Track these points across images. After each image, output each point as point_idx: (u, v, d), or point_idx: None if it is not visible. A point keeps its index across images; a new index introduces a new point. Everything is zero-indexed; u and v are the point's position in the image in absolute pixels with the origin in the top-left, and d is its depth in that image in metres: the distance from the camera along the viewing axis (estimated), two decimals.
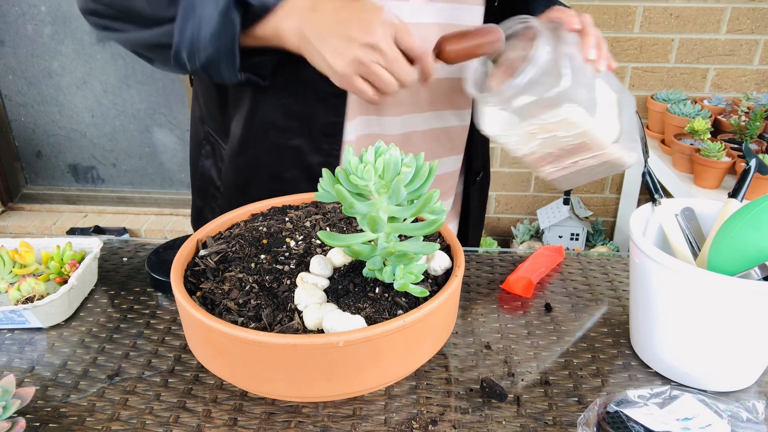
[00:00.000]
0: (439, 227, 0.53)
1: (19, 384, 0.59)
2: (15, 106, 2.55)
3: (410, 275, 0.54)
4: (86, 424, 0.55)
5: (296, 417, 0.55)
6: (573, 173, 0.76)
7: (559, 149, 0.72)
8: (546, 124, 0.69)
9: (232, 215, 0.68)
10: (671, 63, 2.18)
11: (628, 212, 2.37)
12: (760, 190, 1.61)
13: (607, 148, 0.71)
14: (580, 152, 0.72)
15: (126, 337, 0.66)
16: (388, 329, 0.48)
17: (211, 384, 0.59)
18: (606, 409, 0.51)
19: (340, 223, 0.67)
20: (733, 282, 0.51)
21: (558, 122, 0.68)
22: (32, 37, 2.40)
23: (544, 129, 0.69)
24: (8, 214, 2.66)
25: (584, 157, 0.73)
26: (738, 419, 0.50)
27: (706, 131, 1.79)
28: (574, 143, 0.70)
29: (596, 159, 0.73)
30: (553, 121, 0.68)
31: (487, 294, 0.75)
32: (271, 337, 0.47)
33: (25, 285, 0.68)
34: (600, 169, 0.75)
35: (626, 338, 0.66)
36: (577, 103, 0.67)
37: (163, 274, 0.72)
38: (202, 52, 0.69)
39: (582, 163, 0.73)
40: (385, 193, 0.53)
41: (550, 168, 0.76)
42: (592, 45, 0.72)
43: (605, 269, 0.80)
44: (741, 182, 0.63)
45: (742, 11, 2.08)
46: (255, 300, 0.54)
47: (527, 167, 0.79)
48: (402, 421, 0.55)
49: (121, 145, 2.60)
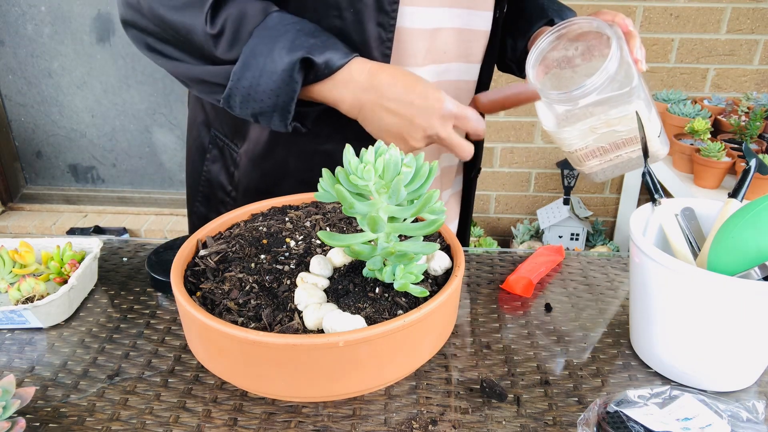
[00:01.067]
0: (439, 227, 0.53)
1: (19, 384, 0.59)
2: (15, 106, 2.55)
3: (410, 275, 0.54)
4: (86, 424, 0.55)
5: (296, 417, 0.55)
6: (612, 166, 0.78)
7: (610, 143, 0.74)
8: (610, 119, 0.71)
9: (232, 215, 0.68)
10: (671, 63, 2.18)
11: (628, 212, 2.37)
12: (760, 190, 1.61)
13: (653, 143, 0.74)
14: (628, 146, 0.74)
15: (126, 337, 0.66)
16: (388, 329, 0.48)
17: (211, 384, 0.59)
18: (606, 409, 0.51)
19: (340, 223, 0.67)
20: (733, 282, 0.51)
21: (622, 117, 0.70)
22: (32, 37, 2.40)
23: (607, 124, 0.71)
24: (8, 214, 2.66)
25: (629, 151, 0.75)
26: (738, 419, 0.50)
27: (706, 131, 1.79)
28: (627, 137, 0.73)
29: (638, 152, 0.75)
30: (619, 116, 0.70)
31: (487, 294, 0.75)
32: (271, 337, 0.47)
33: (25, 285, 0.68)
34: (637, 161, 0.77)
35: (626, 338, 0.66)
36: (642, 99, 0.69)
37: (163, 274, 0.72)
38: (257, 103, 0.69)
39: (625, 156, 0.76)
40: (385, 193, 0.53)
41: (594, 161, 0.77)
42: (638, 46, 0.75)
43: (605, 269, 0.80)
44: (741, 182, 0.63)
45: (742, 11, 2.08)
46: (255, 300, 0.54)
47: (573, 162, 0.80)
48: (402, 421, 0.55)
49: (121, 145, 2.60)
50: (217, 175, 0.91)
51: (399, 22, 0.75)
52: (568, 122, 0.73)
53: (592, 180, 0.82)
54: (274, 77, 0.67)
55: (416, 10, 0.76)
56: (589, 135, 0.73)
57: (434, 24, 0.78)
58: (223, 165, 0.90)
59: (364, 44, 0.74)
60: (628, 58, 0.71)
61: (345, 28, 0.73)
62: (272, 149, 0.83)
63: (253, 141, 0.84)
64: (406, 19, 0.76)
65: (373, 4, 0.72)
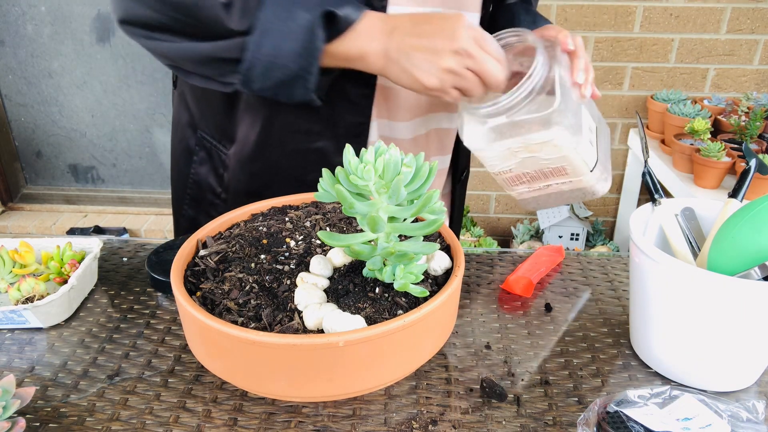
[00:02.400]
0: (439, 227, 0.53)
1: (19, 384, 0.59)
2: (15, 106, 2.55)
3: (410, 275, 0.54)
4: (86, 424, 0.55)
5: (296, 417, 0.55)
6: (544, 196, 0.76)
7: (536, 170, 0.72)
8: (531, 144, 0.68)
9: (232, 215, 0.68)
10: (671, 63, 2.18)
11: (628, 212, 2.37)
12: (760, 190, 1.61)
13: (584, 176, 0.71)
14: (556, 176, 0.72)
15: (126, 337, 0.66)
16: (388, 329, 0.48)
17: (211, 384, 0.59)
18: (606, 409, 0.51)
19: (340, 223, 0.67)
20: (733, 282, 0.51)
21: (543, 143, 0.67)
22: (32, 37, 2.40)
23: (527, 149, 0.69)
24: (8, 214, 2.66)
25: (559, 182, 0.72)
26: (738, 419, 0.50)
27: (706, 131, 1.79)
28: (553, 166, 0.70)
29: (570, 185, 0.73)
30: (538, 142, 0.67)
31: (487, 294, 0.75)
32: (271, 337, 0.47)
33: (25, 285, 0.68)
34: (571, 194, 0.75)
35: (626, 338, 0.66)
36: (564, 126, 0.66)
37: (163, 274, 0.72)
38: (281, 69, 0.67)
39: (555, 187, 0.73)
40: (385, 193, 0.53)
41: (522, 188, 0.75)
42: (581, 68, 0.72)
43: (605, 269, 0.80)
44: (741, 182, 0.63)
45: (742, 11, 2.08)
46: (255, 300, 0.54)
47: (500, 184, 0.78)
48: (402, 421, 0.55)
49: (121, 145, 2.60)
50: (206, 177, 0.90)
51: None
52: (489, 141, 0.70)
53: (524, 207, 0.80)
54: (298, 38, 0.65)
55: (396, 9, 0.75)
56: (510, 158, 0.71)
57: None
58: (212, 167, 0.89)
59: None
60: (558, 78, 0.68)
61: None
62: (261, 150, 0.82)
63: (242, 142, 0.83)
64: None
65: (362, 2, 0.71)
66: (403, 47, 0.68)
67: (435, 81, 0.68)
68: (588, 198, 0.75)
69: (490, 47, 0.69)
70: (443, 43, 0.67)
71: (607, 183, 0.75)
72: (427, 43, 0.67)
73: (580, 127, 0.70)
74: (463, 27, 0.67)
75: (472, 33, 0.68)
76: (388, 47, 0.68)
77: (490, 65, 0.68)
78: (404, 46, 0.68)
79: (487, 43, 0.69)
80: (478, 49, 0.68)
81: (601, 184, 0.75)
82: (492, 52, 0.69)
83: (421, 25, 0.68)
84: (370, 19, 0.69)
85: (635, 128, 2.29)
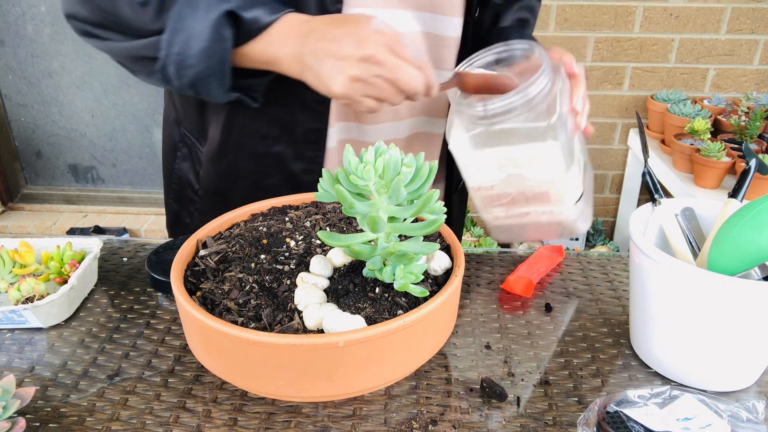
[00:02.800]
0: (439, 227, 0.53)
1: (19, 384, 0.59)
2: (15, 106, 2.55)
3: (410, 275, 0.54)
4: (86, 424, 0.55)
5: (296, 417, 0.55)
6: (519, 226, 0.72)
7: (518, 192, 0.68)
8: (520, 157, 0.64)
9: (232, 215, 0.68)
10: (671, 63, 2.18)
11: (628, 212, 2.37)
12: (760, 190, 1.61)
13: (566, 208, 0.68)
14: (537, 202, 0.68)
15: (126, 337, 0.66)
16: (388, 329, 0.48)
17: (211, 384, 0.59)
18: (606, 409, 0.51)
19: (340, 223, 0.67)
20: (733, 282, 0.51)
21: (533, 157, 0.64)
22: (32, 37, 2.40)
23: (515, 163, 0.65)
24: (8, 214, 2.66)
25: (539, 210, 0.69)
26: (738, 419, 0.50)
27: (706, 131, 1.79)
28: (537, 190, 0.67)
29: (549, 216, 0.69)
30: (529, 155, 0.64)
31: (487, 294, 0.75)
32: (271, 337, 0.47)
33: (25, 285, 0.68)
34: (548, 228, 0.71)
35: (626, 338, 0.66)
36: (559, 143, 0.63)
37: (163, 274, 0.72)
38: (191, 68, 0.66)
39: (533, 217, 0.70)
40: (385, 193, 0.53)
41: (499, 211, 0.71)
42: (581, 96, 0.70)
43: (605, 269, 0.80)
44: (741, 182, 0.63)
45: (742, 11, 2.08)
46: (255, 300, 0.54)
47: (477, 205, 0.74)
48: (402, 421, 0.55)
49: (121, 145, 2.60)
50: (186, 173, 0.91)
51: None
52: (476, 146, 0.66)
53: (495, 236, 0.75)
54: (203, 37, 0.64)
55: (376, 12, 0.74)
56: (495, 172, 0.67)
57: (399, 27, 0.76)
58: (191, 163, 0.90)
59: None
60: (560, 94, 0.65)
61: None
62: (224, 150, 0.83)
63: (210, 141, 0.84)
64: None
65: (315, 3, 0.70)
66: (315, 52, 0.64)
67: (342, 89, 0.64)
68: (564, 236, 0.72)
69: (405, 53, 0.64)
70: (350, 49, 0.63)
71: (586, 223, 0.71)
72: (336, 48, 0.63)
73: (572, 152, 0.66)
74: (371, 31, 0.63)
75: (383, 38, 0.63)
76: (302, 52, 0.65)
77: (403, 73, 0.64)
78: (317, 50, 0.64)
79: (401, 49, 0.64)
80: (388, 56, 0.63)
81: (581, 222, 0.71)
82: (407, 59, 0.64)
83: (333, 29, 0.64)
84: (288, 21, 0.66)
85: (635, 128, 2.29)
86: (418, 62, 0.65)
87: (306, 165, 0.81)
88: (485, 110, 0.65)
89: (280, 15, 0.66)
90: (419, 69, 0.65)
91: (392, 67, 0.63)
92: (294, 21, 0.66)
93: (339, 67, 0.63)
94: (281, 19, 0.66)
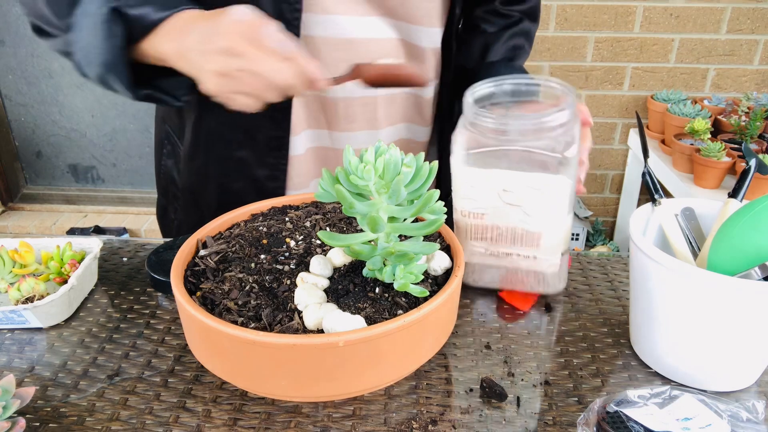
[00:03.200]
0: (439, 227, 0.53)
1: (19, 384, 0.59)
2: (15, 106, 2.55)
3: (410, 275, 0.54)
4: (86, 424, 0.55)
5: (296, 417, 0.55)
6: (495, 267, 0.69)
7: (508, 227, 0.65)
8: (526, 186, 0.61)
9: (231, 215, 0.68)
10: (671, 63, 2.18)
11: (628, 212, 2.37)
12: (760, 190, 1.61)
13: (552, 256, 0.65)
14: (525, 245, 0.65)
15: (126, 337, 0.66)
16: (388, 329, 0.48)
17: (211, 384, 0.59)
18: (606, 409, 0.51)
19: (340, 223, 0.67)
20: (733, 282, 0.51)
21: (538, 191, 0.61)
22: (32, 37, 2.40)
23: (517, 192, 0.62)
24: (8, 214, 2.66)
25: (522, 254, 0.66)
26: (738, 419, 0.50)
27: (706, 131, 1.79)
28: (529, 229, 0.64)
29: (531, 263, 0.66)
30: (531, 186, 0.61)
31: (487, 294, 0.74)
32: (271, 337, 0.47)
33: (25, 285, 0.68)
34: (523, 277, 0.68)
35: (626, 338, 0.66)
36: (569, 179, 0.60)
37: (163, 274, 0.72)
38: (93, 65, 0.64)
39: (513, 260, 0.67)
40: (385, 193, 0.53)
41: (479, 246, 0.68)
42: (587, 149, 0.69)
43: (605, 269, 0.80)
44: (741, 182, 0.63)
45: (742, 11, 2.08)
46: (255, 300, 0.54)
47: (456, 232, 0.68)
48: (402, 421, 0.55)
49: (121, 145, 2.60)
50: (171, 170, 0.92)
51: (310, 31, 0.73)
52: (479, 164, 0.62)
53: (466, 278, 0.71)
54: (97, 33, 0.61)
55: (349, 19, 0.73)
56: (490, 198, 0.63)
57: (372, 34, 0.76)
58: (175, 161, 0.91)
59: None
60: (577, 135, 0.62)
61: None
62: (196, 151, 0.83)
63: (185, 140, 0.84)
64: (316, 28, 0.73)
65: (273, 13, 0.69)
66: (188, 48, 0.60)
67: (212, 86, 0.60)
68: (538, 289, 0.69)
69: (266, 42, 0.58)
70: (208, 42, 0.58)
71: (562, 283, 0.69)
72: (196, 43, 0.59)
73: (574, 199, 0.64)
74: (230, 21, 0.58)
75: (241, 27, 0.58)
76: (181, 49, 0.61)
77: (265, 65, 0.58)
78: (188, 47, 0.60)
79: (264, 39, 0.58)
80: (247, 47, 0.57)
81: (559, 279, 0.69)
82: (269, 50, 0.58)
83: (200, 22, 0.60)
84: (180, 17, 0.62)
85: (635, 128, 2.29)
86: (285, 53, 0.59)
87: (270, 171, 0.81)
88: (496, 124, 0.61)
89: (171, 12, 0.62)
90: (287, 60, 0.59)
91: (252, 58, 0.57)
92: (185, 17, 0.62)
93: (201, 63, 0.59)
94: (174, 16, 0.62)
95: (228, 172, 0.83)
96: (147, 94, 0.68)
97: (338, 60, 0.75)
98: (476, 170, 0.62)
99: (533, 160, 0.60)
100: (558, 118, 0.60)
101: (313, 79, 0.62)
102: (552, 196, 0.61)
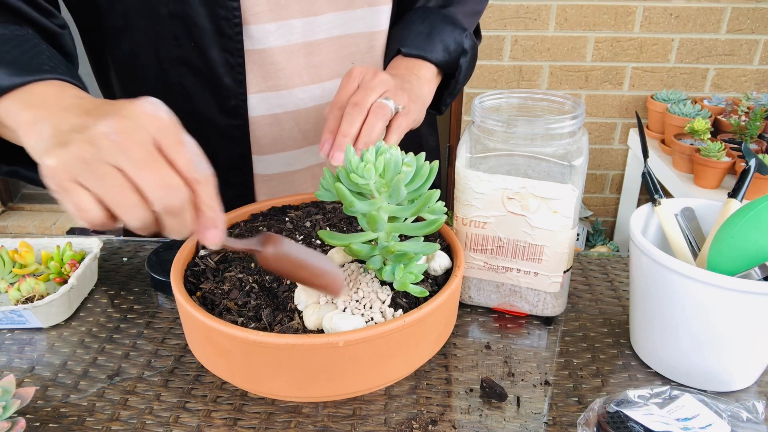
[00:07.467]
0: (439, 227, 0.53)
1: (19, 384, 0.59)
2: None
3: (410, 275, 0.54)
4: (86, 424, 0.55)
5: (296, 417, 0.55)
6: (492, 283, 0.67)
7: (511, 240, 0.63)
8: (533, 193, 0.60)
9: (231, 215, 0.68)
10: (671, 63, 2.18)
11: (628, 212, 2.37)
12: (760, 190, 1.62)
13: (554, 274, 0.64)
14: (527, 259, 0.64)
15: (126, 337, 0.66)
16: (388, 329, 0.48)
17: (211, 384, 0.59)
18: (606, 409, 0.51)
19: (340, 223, 0.67)
20: (733, 282, 0.51)
21: (545, 200, 0.60)
22: None
23: (523, 200, 0.60)
24: (8, 214, 2.66)
25: (524, 269, 0.64)
26: (738, 419, 0.50)
27: (706, 131, 1.79)
28: (532, 242, 0.63)
29: (532, 280, 0.65)
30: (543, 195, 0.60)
31: None
32: (271, 337, 0.47)
33: (25, 285, 0.68)
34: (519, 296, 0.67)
35: (626, 338, 0.66)
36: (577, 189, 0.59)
37: (163, 274, 0.72)
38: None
39: (512, 276, 0.65)
40: (385, 192, 0.53)
41: (481, 259, 0.66)
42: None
43: (605, 269, 0.80)
44: (741, 182, 0.63)
45: (742, 11, 2.09)
46: (255, 300, 0.54)
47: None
48: (402, 421, 0.55)
49: None
50: None
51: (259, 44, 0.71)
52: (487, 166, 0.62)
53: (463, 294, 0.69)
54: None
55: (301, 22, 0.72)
56: (495, 205, 0.62)
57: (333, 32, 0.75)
58: None
59: (211, 72, 0.71)
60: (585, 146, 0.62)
61: (186, 56, 0.70)
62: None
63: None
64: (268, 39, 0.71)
65: (211, 29, 0.68)
66: (62, 120, 0.46)
67: (54, 162, 0.46)
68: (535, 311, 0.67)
69: (182, 153, 0.43)
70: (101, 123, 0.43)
71: (558, 308, 0.67)
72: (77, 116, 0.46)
73: (577, 219, 0.63)
74: (140, 111, 0.43)
75: (155, 124, 0.43)
76: (47, 117, 0.48)
77: (159, 176, 0.42)
78: (65, 118, 0.46)
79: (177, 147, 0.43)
80: (148, 145, 0.42)
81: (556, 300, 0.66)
82: (183, 161, 0.43)
83: (87, 101, 0.50)
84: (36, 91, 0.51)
85: (635, 128, 2.29)
86: (195, 173, 0.43)
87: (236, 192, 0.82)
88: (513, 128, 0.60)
89: (26, 80, 0.51)
90: (192, 183, 0.43)
91: (142, 159, 0.41)
92: (59, 92, 0.52)
93: (69, 135, 0.43)
94: (27, 87, 0.51)
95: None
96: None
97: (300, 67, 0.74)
98: (481, 174, 0.61)
99: (540, 169, 0.60)
100: (567, 125, 0.59)
101: (208, 225, 0.45)
102: (558, 205, 0.60)
